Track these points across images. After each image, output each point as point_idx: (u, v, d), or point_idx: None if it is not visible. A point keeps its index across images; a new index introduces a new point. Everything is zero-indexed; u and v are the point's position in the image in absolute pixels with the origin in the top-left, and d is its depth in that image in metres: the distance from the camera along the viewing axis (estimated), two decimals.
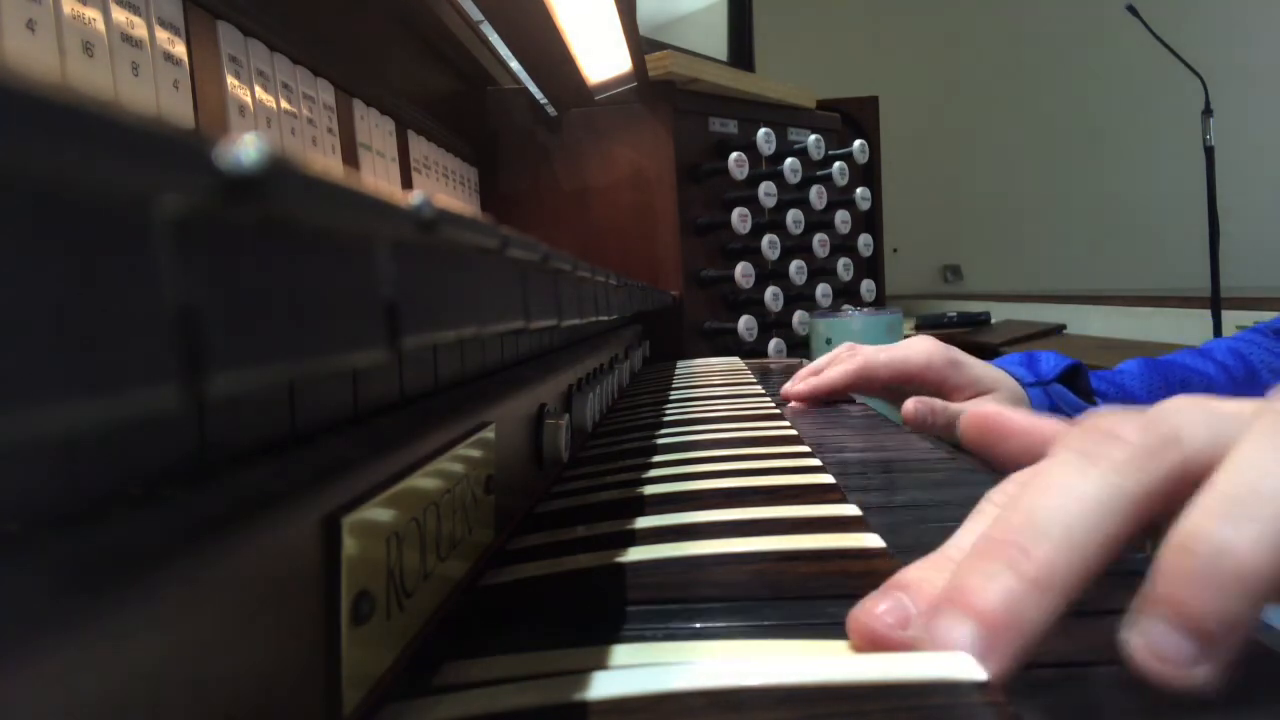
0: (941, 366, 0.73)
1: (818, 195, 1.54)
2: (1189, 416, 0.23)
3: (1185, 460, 0.22)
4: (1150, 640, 0.20)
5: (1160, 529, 0.21)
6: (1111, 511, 0.22)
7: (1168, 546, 0.20)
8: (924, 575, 0.24)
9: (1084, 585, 0.21)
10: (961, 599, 0.21)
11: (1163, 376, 0.79)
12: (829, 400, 0.77)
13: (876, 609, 0.23)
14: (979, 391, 0.73)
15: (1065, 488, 0.22)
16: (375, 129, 0.89)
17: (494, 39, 1.23)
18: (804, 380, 0.78)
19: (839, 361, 0.78)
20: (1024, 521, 0.22)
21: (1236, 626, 0.19)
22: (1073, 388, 0.76)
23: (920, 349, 0.74)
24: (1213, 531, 0.20)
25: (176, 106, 0.55)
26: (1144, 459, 0.23)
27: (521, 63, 1.21)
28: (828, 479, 0.43)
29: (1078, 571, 0.21)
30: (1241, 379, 0.79)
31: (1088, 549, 0.21)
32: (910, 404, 0.72)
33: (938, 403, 0.72)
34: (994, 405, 0.33)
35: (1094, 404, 0.75)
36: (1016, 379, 0.75)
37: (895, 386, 0.74)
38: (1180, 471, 0.22)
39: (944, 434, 0.74)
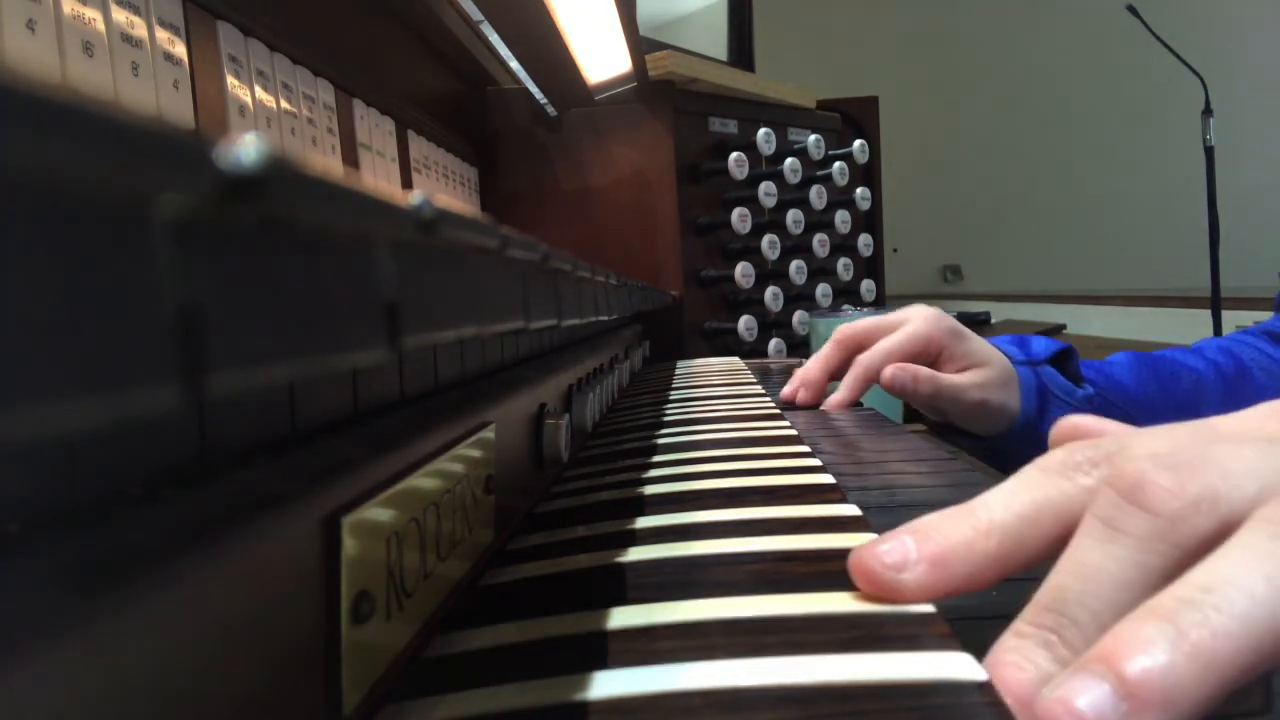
0: (942, 337, 0.71)
1: (818, 195, 1.54)
2: (1234, 465, 0.22)
3: (1224, 521, 0.21)
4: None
5: None
6: (1141, 589, 0.21)
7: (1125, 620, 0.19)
8: (936, 524, 0.24)
9: None
10: (995, 673, 0.20)
11: (1152, 369, 0.78)
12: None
13: (879, 548, 0.23)
14: (970, 365, 0.72)
15: (1090, 569, 0.21)
16: (375, 129, 0.89)
17: (494, 39, 1.23)
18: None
19: (836, 349, 0.75)
20: (1052, 602, 0.21)
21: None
22: (1063, 372, 0.76)
23: (920, 326, 0.72)
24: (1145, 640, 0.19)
25: (176, 106, 0.55)
26: (1170, 530, 0.21)
27: (521, 63, 1.21)
28: (828, 479, 0.43)
29: None
30: (1232, 376, 0.78)
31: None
32: (889, 370, 0.68)
33: (922, 370, 0.69)
34: (1090, 417, 0.29)
35: (1081, 388, 0.75)
36: (1008, 357, 0.74)
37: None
38: (1217, 533, 0.21)
39: (925, 403, 0.72)
